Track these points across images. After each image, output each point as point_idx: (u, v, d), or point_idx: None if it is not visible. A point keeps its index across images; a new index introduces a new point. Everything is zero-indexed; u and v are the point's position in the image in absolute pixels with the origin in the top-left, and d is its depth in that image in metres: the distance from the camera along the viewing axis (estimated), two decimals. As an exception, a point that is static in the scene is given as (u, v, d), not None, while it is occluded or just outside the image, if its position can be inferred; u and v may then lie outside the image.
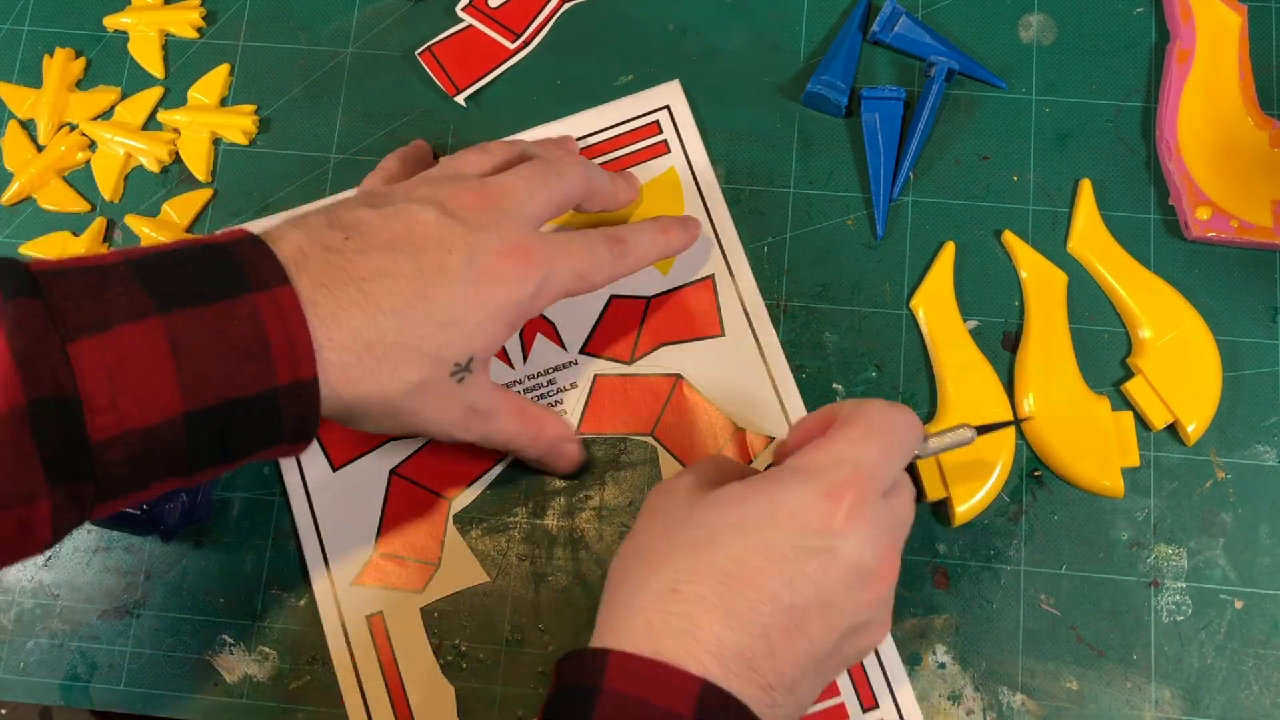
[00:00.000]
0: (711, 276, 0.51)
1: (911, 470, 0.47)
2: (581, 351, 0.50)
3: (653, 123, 0.53)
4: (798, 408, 0.49)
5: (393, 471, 0.49)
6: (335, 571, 0.48)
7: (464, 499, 0.49)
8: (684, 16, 0.55)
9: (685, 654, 0.32)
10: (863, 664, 0.46)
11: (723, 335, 0.50)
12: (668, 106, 0.53)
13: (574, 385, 0.50)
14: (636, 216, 0.52)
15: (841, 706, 0.45)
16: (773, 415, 0.49)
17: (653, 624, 0.33)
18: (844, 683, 0.46)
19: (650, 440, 0.49)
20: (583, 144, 0.53)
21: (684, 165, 0.52)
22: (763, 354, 0.50)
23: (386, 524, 0.49)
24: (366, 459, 0.49)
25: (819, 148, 0.52)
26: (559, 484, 0.49)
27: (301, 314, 0.33)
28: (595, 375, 0.50)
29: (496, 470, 0.49)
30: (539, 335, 0.50)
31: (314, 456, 0.50)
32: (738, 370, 0.49)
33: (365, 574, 0.48)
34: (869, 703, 0.46)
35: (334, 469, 0.49)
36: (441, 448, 0.49)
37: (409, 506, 0.49)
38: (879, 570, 0.35)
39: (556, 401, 0.50)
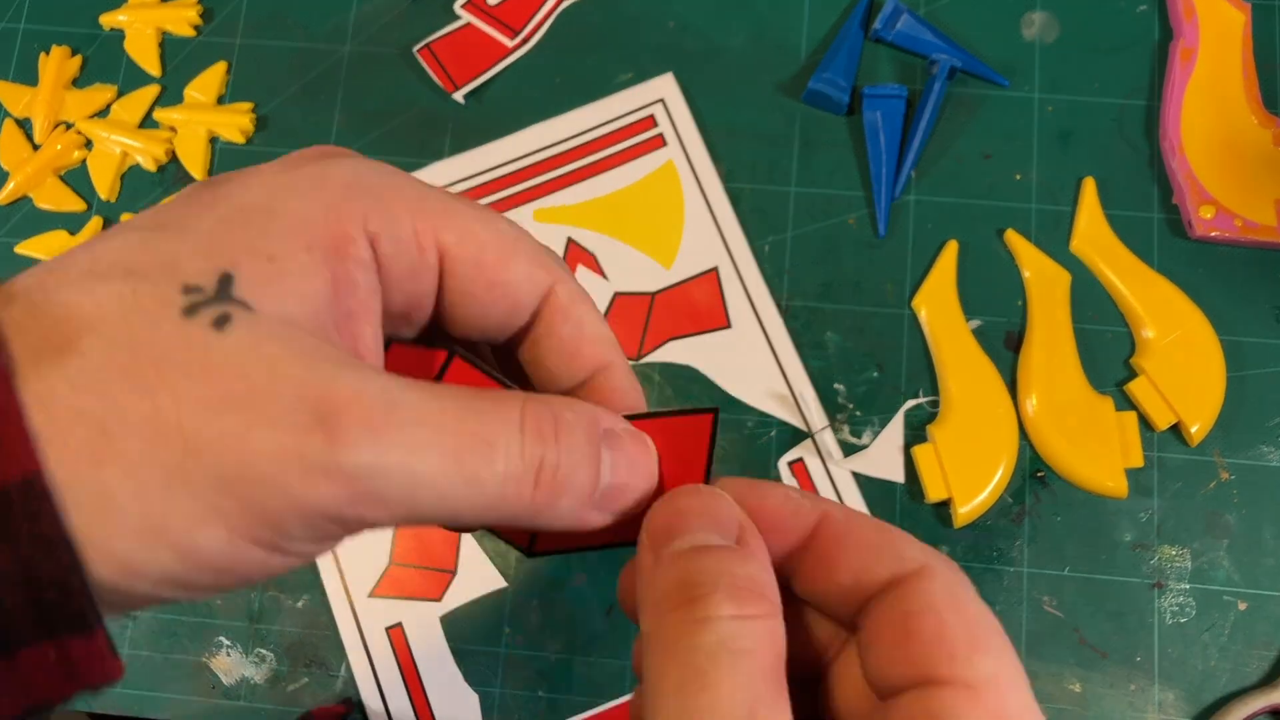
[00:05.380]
0: (715, 269, 0.50)
1: (912, 470, 0.47)
2: None
3: (648, 117, 0.53)
4: (809, 395, 0.49)
5: None
6: (351, 583, 0.48)
7: None
8: (684, 14, 0.54)
9: None
10: None
11: (729, 327, 0.50)
12: (662, 100, 0.53)
13: None
14: (637, 215, 0.51)
15: None
16: (786, 404, 0.49)
17: None
18: None
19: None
20: (578, 141, 0.52)
21: (682, 158, 0.52)
22: (771, 345, 0.49)
23: (400, 532, 0.48)
24: None
25: (820, 146, 0.52)
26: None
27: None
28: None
29: None
30: None
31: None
32: (747, 361, 0.49)
33: (382, 585, 0.48)
34: None
35: None
36: None
37: None
38: None
39: None
